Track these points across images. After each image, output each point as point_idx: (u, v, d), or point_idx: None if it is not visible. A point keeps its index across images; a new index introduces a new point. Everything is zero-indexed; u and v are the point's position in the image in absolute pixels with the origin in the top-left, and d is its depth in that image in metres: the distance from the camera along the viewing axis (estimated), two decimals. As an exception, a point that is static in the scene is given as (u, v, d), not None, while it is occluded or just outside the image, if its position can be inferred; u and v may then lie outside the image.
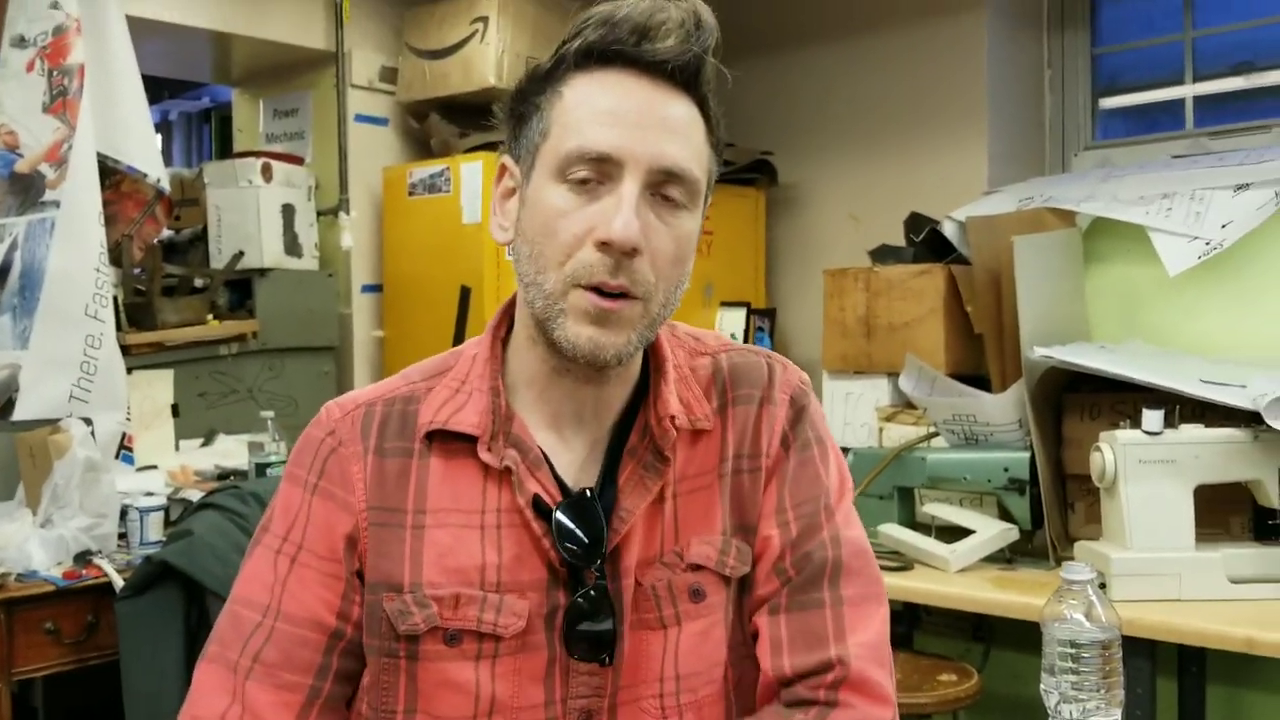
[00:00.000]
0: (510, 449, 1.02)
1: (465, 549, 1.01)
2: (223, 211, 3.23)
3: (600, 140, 0.95)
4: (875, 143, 3.41)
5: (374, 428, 1.05)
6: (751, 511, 1.07)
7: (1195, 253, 2.41)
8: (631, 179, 0.95)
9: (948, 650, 2.61)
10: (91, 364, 2.64)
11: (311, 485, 1.04)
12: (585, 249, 0.95)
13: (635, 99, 0.97)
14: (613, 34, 0.97)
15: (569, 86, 0.99)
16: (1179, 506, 2.05)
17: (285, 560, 1.03)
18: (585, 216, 0.96)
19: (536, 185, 0.99)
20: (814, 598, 1.03)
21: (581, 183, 0.96)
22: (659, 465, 1.04)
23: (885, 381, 2.83)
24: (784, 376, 1.11)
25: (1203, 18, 3.13)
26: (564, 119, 0.98)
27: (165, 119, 6.67)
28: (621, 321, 0.97)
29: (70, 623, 2.30)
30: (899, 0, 3.34)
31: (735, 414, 1.08)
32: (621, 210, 0.94)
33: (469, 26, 3.18)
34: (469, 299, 3.11)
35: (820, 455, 1.09)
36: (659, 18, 0.97)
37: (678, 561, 1.04)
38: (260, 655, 1.01)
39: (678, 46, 0.97)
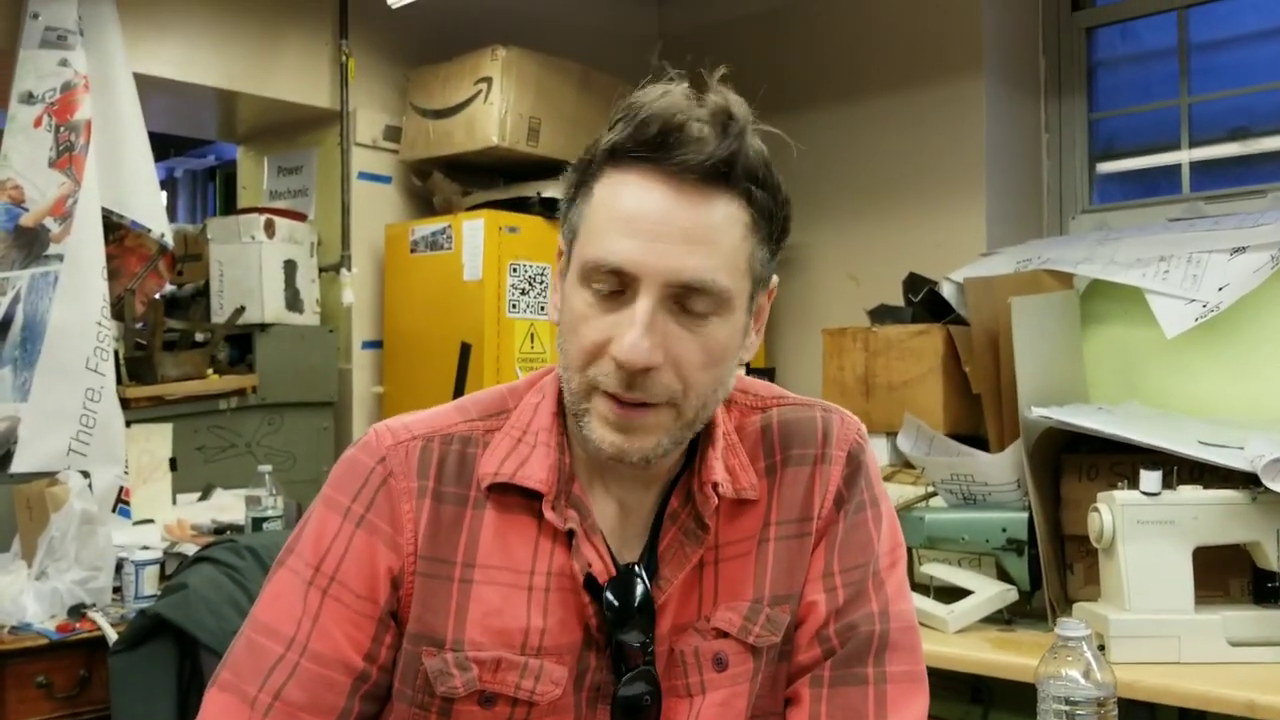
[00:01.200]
0: (572, 510, 0.99)
1: (512, 610, 0.98)
2: (225, 267, 3.26)
3: (616, 253, 0.92)
4: (874, 204, 3.44)
5: (432, 467, 1.01)
6: (797, 578, 1.03)
7: (1192, 315, 2.42)
8: (646, 294, 0.91)
9: (946, 713, 2.57)
10: (91, 417, 2.65)
11: (356, 516, 1.00)
12: (604, 358, 0.93)
13: (656, 206, 0.92)
14: (640, 133, 0.93)
15: (600, 183, 0.96)
16: (1178, 568, 2.04)
17: (316, 593, 0.98)
18: (604, 326, 0.93)
19: (570, 281, 0.97)
20: (857, 673, 1.00)
21: (602, 291, 0.93)
22: (699, 533, 1.01)
23: (884, 441, 2.83)
24: (840, 432, 1.08)
25: (1199, 84, 3.17)
26: (589, 221, 0.95)
27: (170, 176, 6.73)
28: (647, 428, 0.94)
29: (63, 676, 2.28)
30: (899, 64, 3.39)
31: (785, 476, 1.05)
32: (631, 330, 0.91)
33: (473, 87, 3.23)
34: (469, 356, 3.12)
35: (874, 518, 1.06)
36: (682, 118, 0.92)
37: (707, 626, 1.01)
38: (282, 693, 0.97)
39: (705, 148, 0.92)
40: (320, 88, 3.40)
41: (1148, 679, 1.94)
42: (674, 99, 0.93)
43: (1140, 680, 1.93)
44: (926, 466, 2.59)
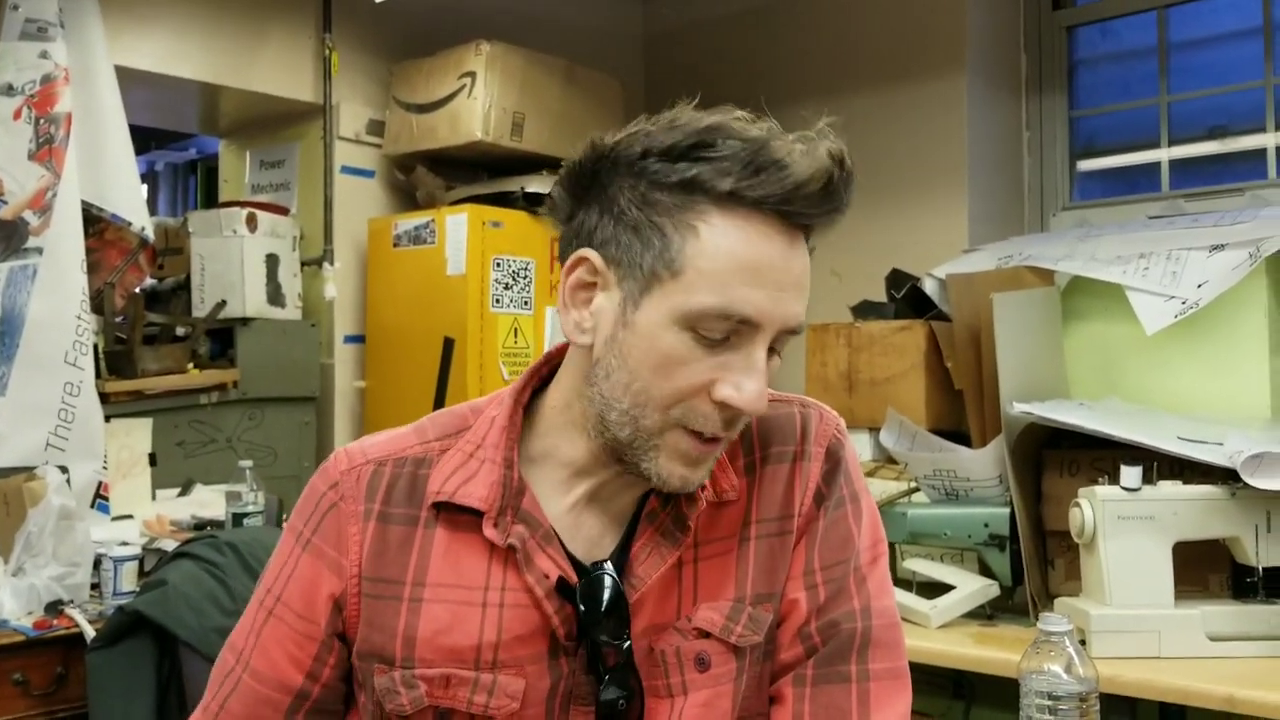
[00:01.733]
0: (518, 525, 0.98)
1: (462, 627, 0.98)
2: (206, 261, 3.24)
3: (745, 304, 0.90)
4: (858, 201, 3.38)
5: (381, 490, 1.02)
6: (779, 576, 1.03)
7: (1172, 311, 2.43)
8: (763, 341, 0.92)
9: (928, 708, 2.59)
10: (69, 412, 2.63)
11: (305, 540, 1.02)
12: (700, 399, 0.92)
13: (779, 258, 0.91)
14: (766, 184, 0.90)
15: (707, 224, 0.90)
16: (1158, 563, 2.05)
17: (264, 612, 1.02)
18: (707, 369, 0.91)
19: (652, 319, 0.92)
20: (840, 671, 1.00)
21: (710, 336, 0.91)
22: (678, 534, 1.00)
23: (867, 436, 2.84)
24: (819, 427, 1.07)
25: (1178, 83, 3.19)
26: (702, 265, 0.90)
27: (151, 169, 6.69)
28: (710, 458, 0.96)
29: (40, 674, 2.26)
30: (882, 62, 3.39)
31: (765, 473, 1.04)
32: (755, 378, 0.91)
33: (457, 81, 3.22)
34: (452, 351, 3.11)
35: (854, 514, 1.06)
36: (812, 173, 0.91)
37: (688, 626, 1.01)
38: (226, 704, 1.02)
39: (828, 205, 0.93)
40: (303, 81, 3.39)
41: (1128, 674, 1.95)
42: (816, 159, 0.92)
43: (1121, 675, 1.94)
44: (909, 462, 2.59)
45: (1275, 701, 1.81)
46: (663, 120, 0.95)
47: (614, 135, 0.95)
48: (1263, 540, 2.05)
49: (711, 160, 0.90)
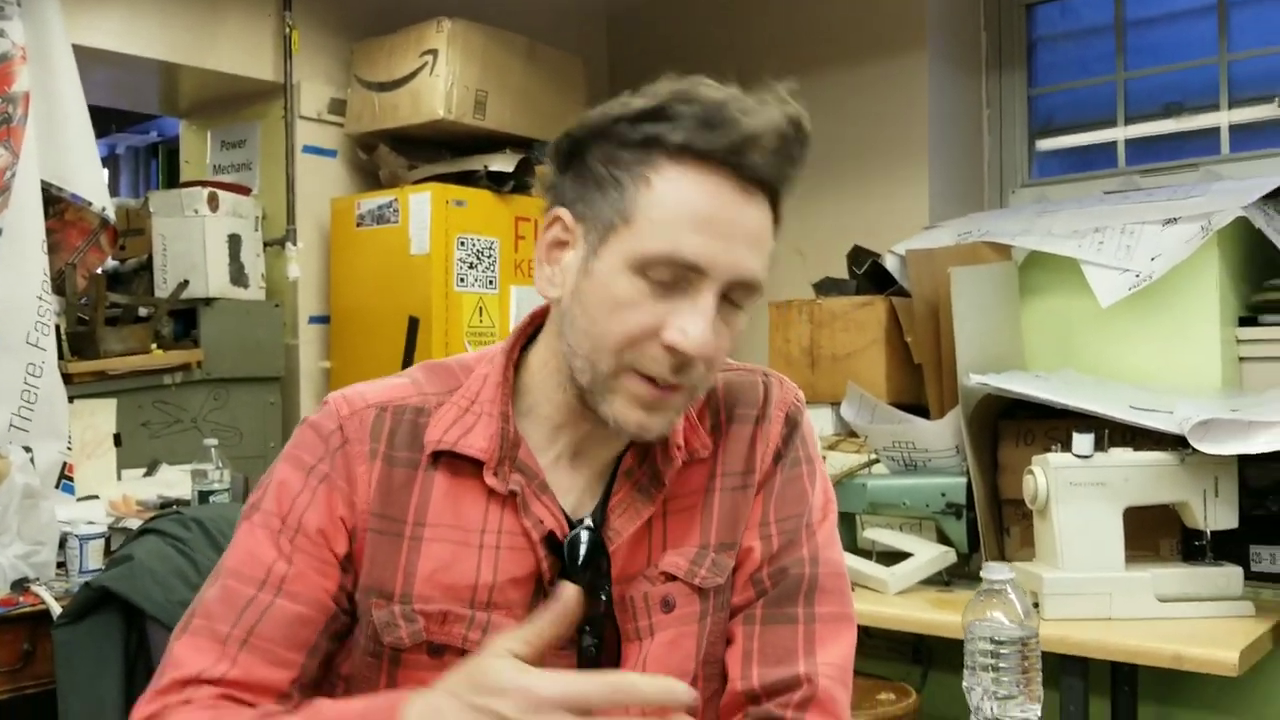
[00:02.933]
0: (516, 474, 1.03)
1: (460, 566, 1.02)
2: (168, 241, 3.22)
3: (690, 250, 0.94)
4: (820, 179, 3.47)
5: (384, 433, 1.05)
6: (740, 526, 1.09)
7: (1126, 284, 2.48)
8: (711, 289, 0.95)
9: (888, 672, 2.64)
10: (32, 393, 2.62)
11: (321, 474, 1.04)
12: (650, 343, 0.96)
13: (728, 208, 0.95)
14: (717, 139, 0.94)
15: (659, 175, 0.96)
16: (1109, 528, 2.10)
17: (286, 540, 1.02)
18: (655, 313, 0.95)
19: (608, 266, 0.97)
20: (788, 613, 1.06)
21: (660, 281, 0.95)
22: (652, 489, 1.06)
23: (829, 411, 2.88)
24: (780, 394, 1.14)
25: (1134, 60, 3.24)
26: (653, 214, 0.95)
27: (112, 152, 6.63)
28: (669, 406, 0.99)
29: (5, 651, 2.26)
30: (844, 41, 3.42)
31: (730, 432, 1.10)
32: (698, 322, 0.94)
33: (418, 59, 3.22)
34: (417, 330, 3.12)
35: (808, 474, 1.12)
36: (763, 128, 0.95)
37: (655, 573, 1.06)
38: (256, 629, 1.00)
39: (779, 161, 0.96)
40: (263, 60, 3.37)
41: (1080, 634, 2.00)
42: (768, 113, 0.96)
43: (1072, 636, 2.00)
44: (869, 434, 2.64)
45: (1220, 659, 1.87)
46: (637, 90, 1.00)
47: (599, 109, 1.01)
48: (1211, 505, 2.10)
49: (671, 119, 0.96)
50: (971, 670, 1.04)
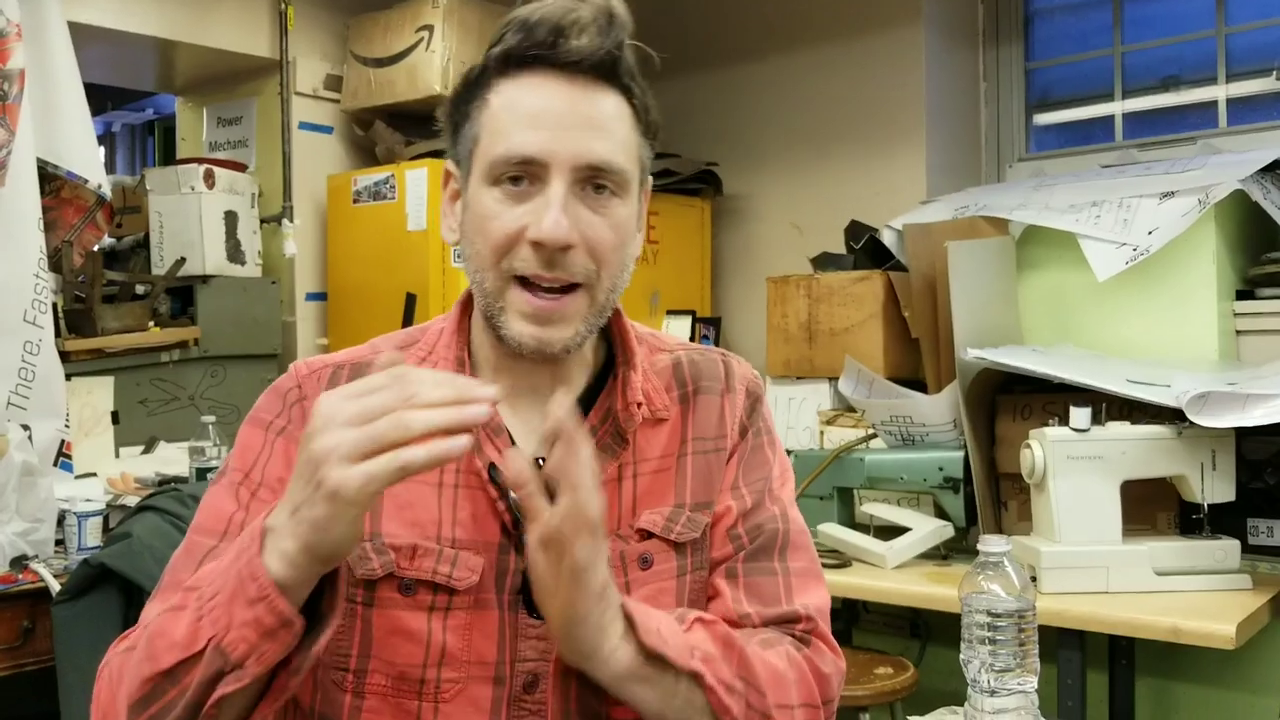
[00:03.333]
0: None
1: (423, 504, 1.04)
2: (165, 218, 3.22)
3: (526, 144, 0.99)
4: (817, 154, 3.47)
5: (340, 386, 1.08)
6: (715, 486, 1.13)
7: (1123, 258, 2.48)
8: (559, 179, 0.99)
9: (886, 646, 2.65)
10: (30, 370, 2.62)
11: (278, 428, 1.07)
12: (520, 246, 1.00)
13: (557, 100, 1.00)
14: (530, 38, 1.01)
15: (494, 92, 1.03)
16: (1106, 501, 2.11)
17: (246, 492, 1.05)
18: (517, 216, 1.00)
19: (473, 189, 1.03)
20: (766, 565, 1.10)
21: (513, 184, 1.00)
22: (615, 448, 1.09)
23: (826, 386, 2.88)
24: (740, 371, 1.20)
25: (1131, 33, 3.22)
26: (492, 125, 1.02)
27: (109, 130, 6.60)
28: (565, 317, 1.02)
29: (5, 628, 2.27)
30: (840, 15, 3.40)
31: (698, 402, 1.15)
32: (550, 210, 0.99)
33: (414, 35, 3.20)
34: (414, 306, 3.12)
35: (769, 444, 1.19)
36: (572, 17, 1.00)
37: (630, 533, 1.08)
38: None
39: (593, 44, 1.01)
40: (259, 36, 3.36)
41: (1077, 608, 2.01)
42: (560, 2, 1.01)
43: (1070, 609, 2.00)
44: (866, 409, 2.64)
45: (1217, 632, 1.88)
46: None
47: None
48: (1208, 478, 2.10)
49: (498, 41, 1.03)
50: (969, 643, 1.04)
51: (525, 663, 1.04)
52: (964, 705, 1.08)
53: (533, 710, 1.03)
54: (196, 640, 0.87)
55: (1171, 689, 2.50)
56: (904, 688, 2.28)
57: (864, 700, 2.23)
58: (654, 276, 3.43)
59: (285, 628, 0.85)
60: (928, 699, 2.15)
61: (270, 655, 0.86)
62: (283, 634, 0.86)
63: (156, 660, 0.88)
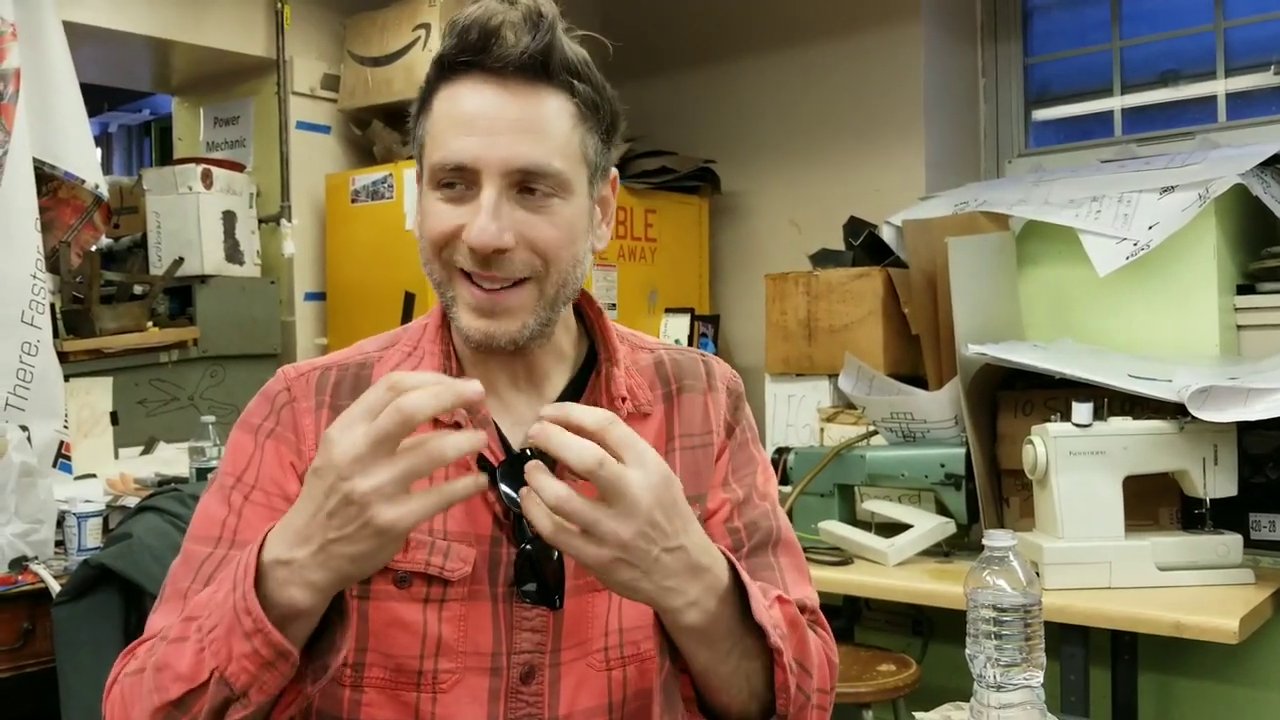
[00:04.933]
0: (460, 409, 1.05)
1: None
2: (162, 218, 3.21)
3: (456, 152, 1.01)
4: (815, 151, 3.46)
5: (329, 387, 1.11)
6: (704, 480, 1.15)
7: (1123, 253, 2.47)
8: (489, 184, 1.00)
9: (889, 644, 2.64)
10: (28, 371, 2.61)
11: (267, 430, 1.08)
12: (457, 242, 1.02)
13: (487, 105, 1.01)
14: (462, 43, 1.02)
15: (436, 98, 1.04)
16: (1109, 496, 2.10)
17: (239, 496, 1.06)
18: (454, 217, 1.02)
19: (423, 190, 1.06)
20: (765, 561, 1.14)
21: (450, 188, 1.02)
22: None
23: (826, 383, 2.88)
24: (720, 370, 1.22)
25: (1130, 28, 3.22)
26: (432, 131, 1.04)
27: (105, 131, 6.59)
28: (511, 310, 1.03)
29: (5, 630, 2.26)
30: (837, 11, 3.40)
31: (682, 400, 1.17)
32: (480, 215, 1.00)
33: (411, 34, 3.19)
34: (413, 305, 3.11)
35: (753, 441, 1.22)
36: (498, 20, 1.01)
37: None
38: (212, 579, 1.01)
39: (519, 45, 1.00)
40: (256, 36, 3.35)
41: (1080, 603, 2.00)
42: (488, 6, 1.02)
43: (1073, 605, 2.00)
44: (867, 406, 2.63)
45: (1220, 626, 1.87)
46: None
47: None
48: (1210, 473, 2.10)
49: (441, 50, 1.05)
50: (974, 638, 1.04)
51: (521, 654, 1.05)
52: (970, 700, 1.08)
53: (529, 701, 1.05)
54: (200, 672, 0.89)
55: (1175, 684, 2.50)
56: (907, 685, 2.27)
57: (866, 697, 2.22)
58: (652, 274, 3.42)
59: (282, 658, 0.88)
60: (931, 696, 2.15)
61: (271, 684, 0.89)
62: (281, 664, 0.88)
63: (165, 691, 0.91)
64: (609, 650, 1.08)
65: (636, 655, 1.09)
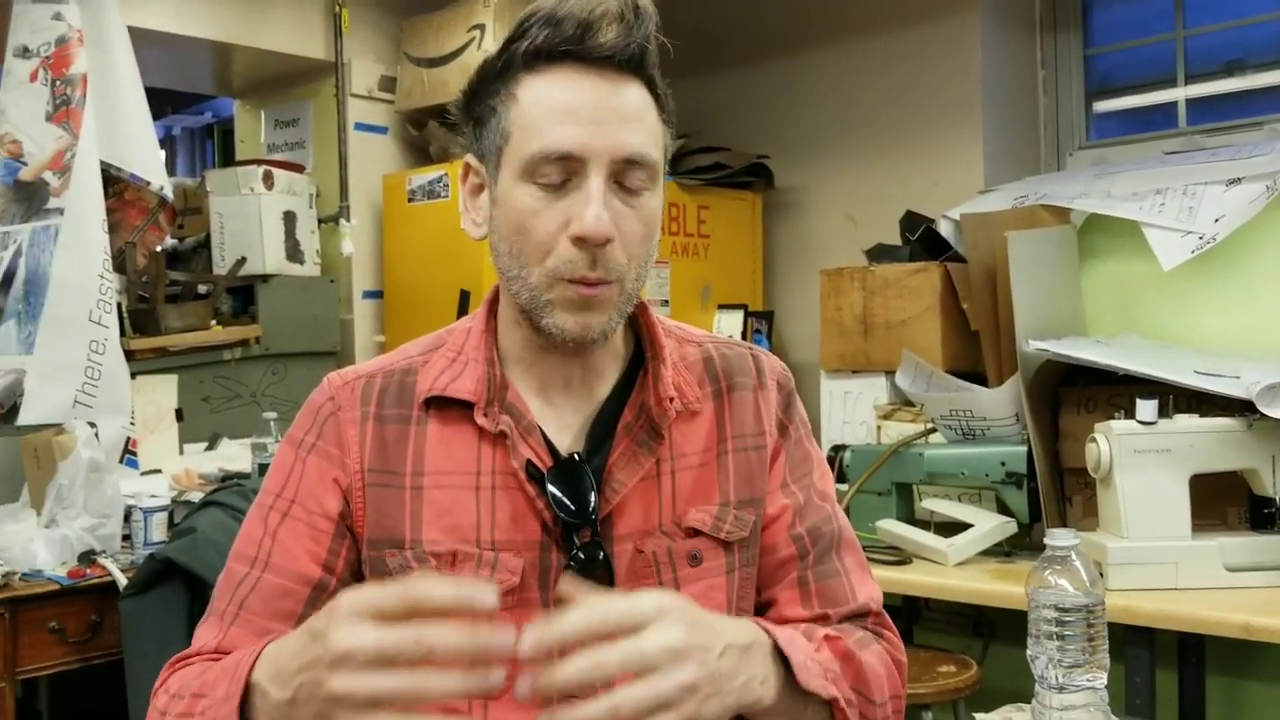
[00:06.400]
0: (505, 415, 1.06)
1: (462, 509, 1.05)
2: (225, 219, 3.26)
3: (561, 140, 0.99)
4: (871, 145, 3.43)
5: (374, 396, 1.10)
6: (759, 484, 1.13)
7: (1189, 247, 2.43)
8: (596, 173, 0.99)
9: (948, 645, 2.62)
10: (95, 369, 2.67)
11: (309, 445, 1.09)
12: (562, 244, 1.00)
13: (588, 94, 1.00)
14: (558, 33, 1.00)
15: (522, 88, 1.02)
16: (1174, 495, 2.06)
17: (276, 515, 1.07)
18: (556, 213, 1.00)
19: (505, 186, 1.03)
20: (832, 567, 1.13)
21: (548, 180, 1.00)
22: (652, 443, 1.08)
23: (883, 380, 2.85)
24: (769, 365, 1.20)
25: (1193, 17, 3.15)
26: (523, 121, 1.01)
27: (169, 134, 6.71)
28: (602, 304, 1.02)
29: (74, 622, 2.31)
30: (893, 4, 3.37)
31: (732, 399, 1.15)
32: (591, 205, 0.98)
33: (466, 34, 3.22)
34: (468, 303, 3.13)
35: (806, 436, 1.20)
36: (600, 10, 1.00)
37: (676, 530, 1.09)
38: (245, 603, 1.05)
39: (621, 37, 1.00)
40: (315, 39, 3.39)
41: (1146, 605, 1.96)
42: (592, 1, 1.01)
43: (1138, 606, 1.96)
44: (925, 403, 2.60)
45: (1291, 628, 1.83)
46: None
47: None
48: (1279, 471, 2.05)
49: (521, 35, 1.02)
50: (1035, 639, 1.02)
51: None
52: (1031, 702, 1.06)
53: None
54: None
55: (1243, 688, 2.44)
56: (967, 686, 2.25)
57: (927, 698, 2.20)
58: (705, 270, 3.42)
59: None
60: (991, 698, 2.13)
61: None
62: None
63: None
64: None
65: None
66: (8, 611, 2.23)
